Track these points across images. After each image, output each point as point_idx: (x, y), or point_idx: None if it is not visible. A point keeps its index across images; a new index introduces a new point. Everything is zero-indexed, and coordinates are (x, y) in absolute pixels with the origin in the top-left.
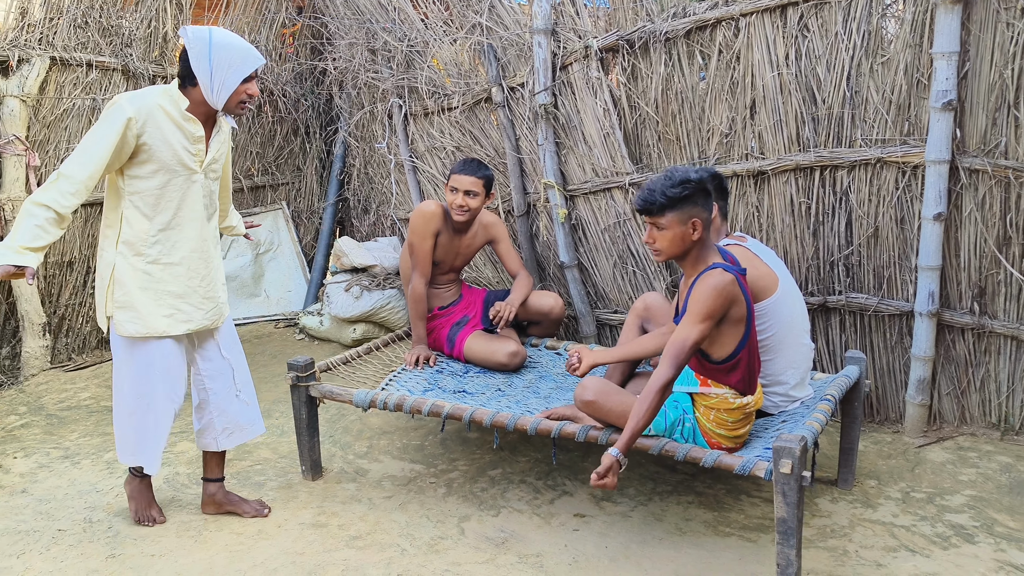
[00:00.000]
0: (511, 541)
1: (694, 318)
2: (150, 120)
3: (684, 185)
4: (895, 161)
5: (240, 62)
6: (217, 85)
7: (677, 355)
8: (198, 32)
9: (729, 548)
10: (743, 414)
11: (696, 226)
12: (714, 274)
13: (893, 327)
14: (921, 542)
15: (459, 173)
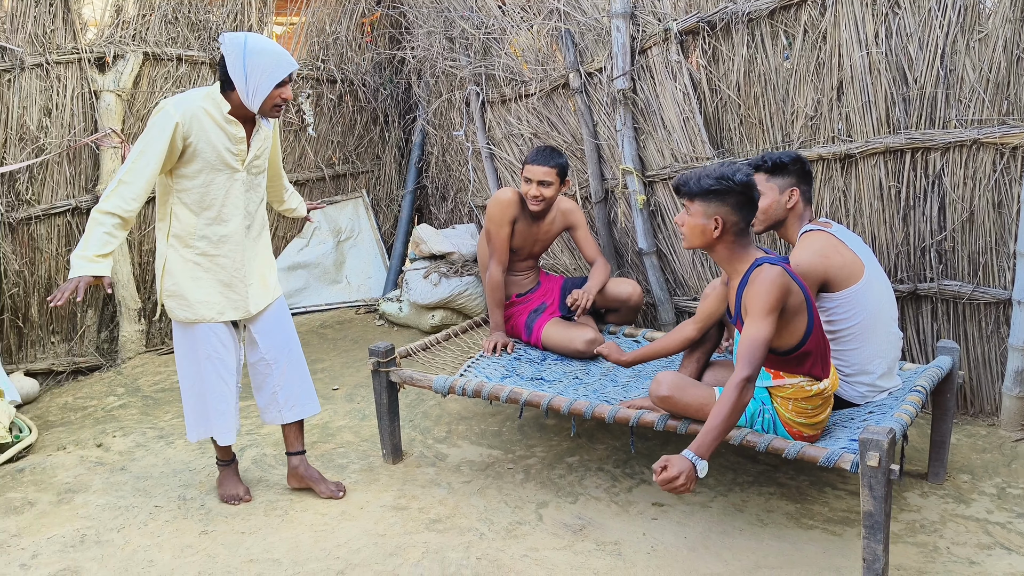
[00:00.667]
0: (589, 528)
1: (760, 315)
2: (195, 123)
3: (720, 181)
4: (992, 142)
5: (273, 68)
6: (252, 90)
7: (751, 354)
8: (234, 39)
9: (812, 541)
10: (821, 399)
11: (718, 224)
12: (763, 270)
13: (989, 316)
14: (1017, 540)
15: (532, 163)
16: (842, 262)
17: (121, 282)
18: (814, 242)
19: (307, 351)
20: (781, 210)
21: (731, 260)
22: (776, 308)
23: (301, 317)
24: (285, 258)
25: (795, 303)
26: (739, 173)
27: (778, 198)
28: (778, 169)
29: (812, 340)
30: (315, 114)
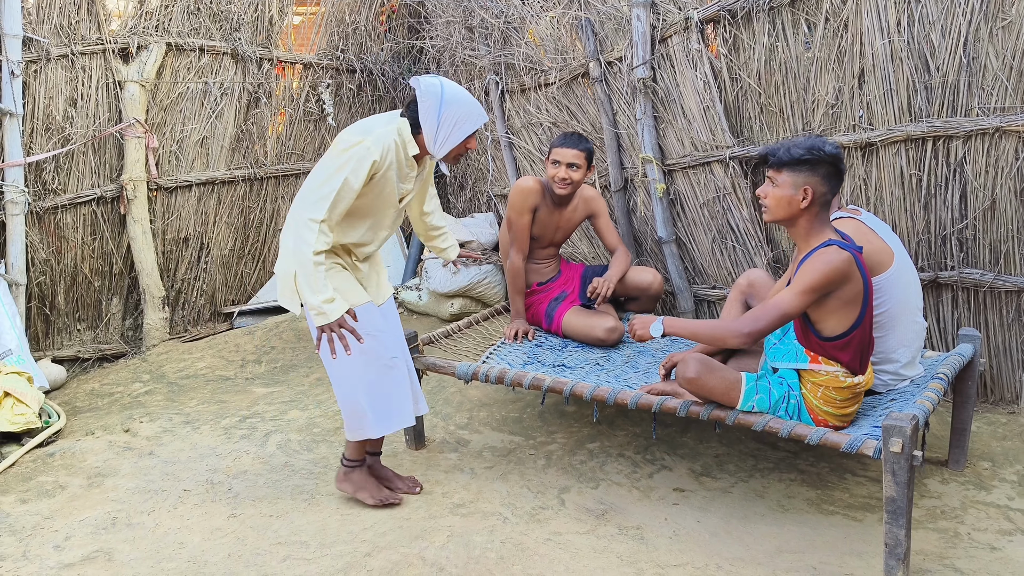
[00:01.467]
0: (611, 513)
1: (800, 288)
2: (388, 163)
3: (811, 151)
4: (1015, 130)
5: (466, 119)
6: (441, 138)
7: (766, 315)
8: (430, 86)
9: (834, 526)
10: (852, 393)
11: (807, 194)
12: (829, 251)
13: (1010, 304)
14: None
15: (561, 146)
16: (872, 250)
17: (145, 270)
18: (845, 229)
19: None
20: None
21: (809, 234)
22: (818, 289)
23: None
24: None
25: (851, 293)
26: (828, 145)
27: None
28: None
29: (859, 333)
30: (335, 104)
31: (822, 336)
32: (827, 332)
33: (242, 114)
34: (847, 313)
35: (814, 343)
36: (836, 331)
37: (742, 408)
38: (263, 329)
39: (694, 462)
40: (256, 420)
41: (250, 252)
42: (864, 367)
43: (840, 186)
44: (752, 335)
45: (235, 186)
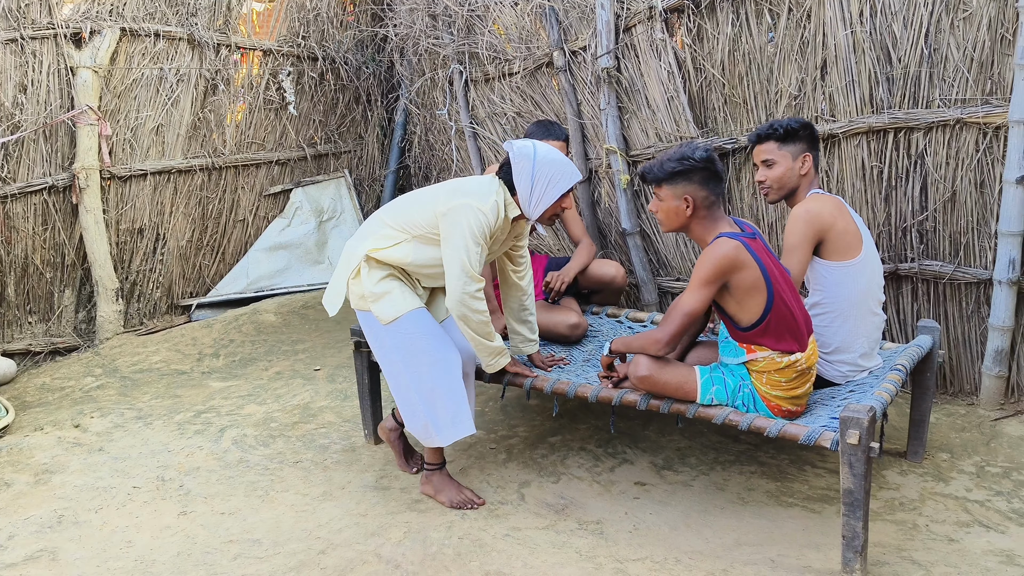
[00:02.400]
0: (571, 508)
1: (694, 284)
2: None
3: (682, 161)
4: (976, 122)
5: (559, 179)
6: (536, 199)
7: (672, 319)
8: (524, 149)
9: (792, 518)
10: (795, 372)
11: (688, 203)
12: (716, 243)
13: (969, 296)
14: (996, 518)
15: (546, 139)
16: (847, 228)
17: (98, 262)
18: (827, 199)
19: (289, 332)
20: (795, 177)
21: (704, 235)
22: (712, 281)
23: (283, 298)
24: (266, 239)
25: (747, 280)
26: (698, 151)
27: (792, 165)
28: (790, 135)
29: (773, 315)
30: (296, 92)
31: (741, 327)
32: (744, 322)
33: (199, 101)
34: (754, 300)
35: (739, 335)
36: (751, 319)
37: (701, 401)
38: (222, 322)
39: (656, 455)
40: (211, 415)
41: (208, 243)
42: (801, 345)
43: (721, 185)
44: (666, 340)
45: (192, 175)
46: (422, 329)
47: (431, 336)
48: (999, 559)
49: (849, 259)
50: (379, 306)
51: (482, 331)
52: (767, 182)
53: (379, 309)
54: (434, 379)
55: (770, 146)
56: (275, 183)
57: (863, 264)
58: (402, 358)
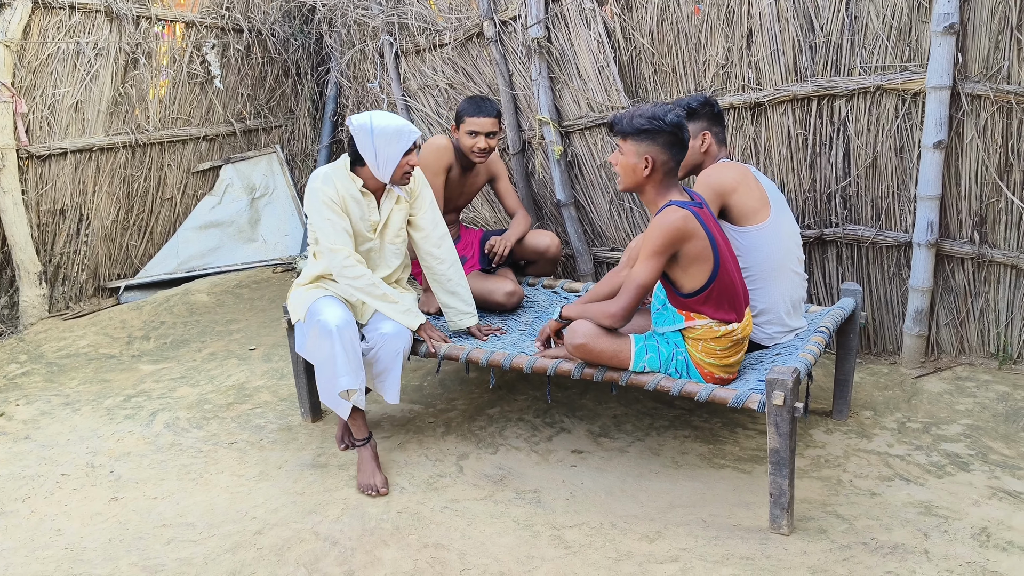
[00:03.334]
0: (509, 478)
1: (645, 255)
2: (339, 194)
3: (652, 120)
4: (895, 88)
5: (398, 140)
6: (382, 164)
7: (626, 292)
8: (361, 121)
9: (724, 479)
10: (731, 341)
11: (648, 163)
12: (665, 212)
13: (891, 258)
14: (916, 471)
15: (477, 115)
16: (749, 193)
17: (18, 244)
18: (730, 166)
19: (222, 312)
20: (696, 155)
21: (656, 200)
22: (663, 251)
23: (216, 278)
24: (196, 217)
25: (696, 249)
26: (671, 114)
27: (692, 143)
28: (688, 114)
29: (717, 284)
30: (222, 66)
31: (683, 293)
32: (687, 289)
33: (119, 76)
34: (700, 268)
35: (680, 301)
36: (695, 287)
37: (634, 369)
38: (152, 304)
39: (592, 423)
40: (142, 399)
41: (135, 223)
42: (737, 315)
43: (683, 154)
44: (621, 314)
45: (115, 153)
46: (318, 307)
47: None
48: (918, 510)
49: (758, 223)
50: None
51: (374, 292)
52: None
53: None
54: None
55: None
56: (203, 160)
57: (774, 227)
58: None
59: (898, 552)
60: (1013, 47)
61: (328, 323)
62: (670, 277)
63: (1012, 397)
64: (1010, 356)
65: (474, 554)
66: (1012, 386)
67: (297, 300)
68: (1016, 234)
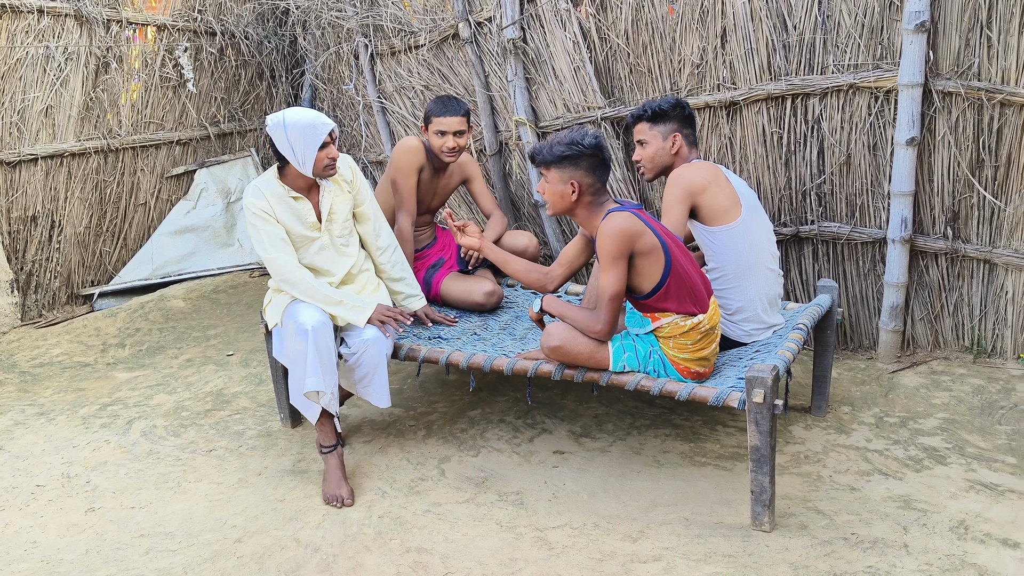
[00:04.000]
0: (491, 480)
1: (603, 267)
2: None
3: (571, 146)
4: (868, 86)
5: (311, 133)
6: (301, 158)
7: (603, 307)
8: (275, 119)
9: (705, 477)
10: (699, 334)
11: (574, 187)
12: (608, 220)
13: (866, 255)
14: (894, 465)
15: (443, 115)
16: (720, 192)
17: None
18: (700, 166)
19: (199, 318)
20: (667, 156)
21: (590, 220)
22: (620, 255)
23: (192, 283)
24: (171, 222)
25: (646, 246)
26: (588, 137)
27: (662, 144)
28: (659, 116)
29: (672, 278)
30: (195, 69)
31: (642, 296)
32: (644, 289)
33: (90, 81)
34: (653, 266)
35: (642, 305)
36: (651, 285)
37: (613, 369)
38: (127, 310)
39: (574, 424)
40: (118, 407)
41: (109, 229)
42: (702, 307)
43: (608, 173)
44: (604, 330)
45: (87, 159)
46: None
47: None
48: (897, 504)
49: (729, 222)
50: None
51: (317, 296)
52: (641, 161)
53: (268, 319)
54: (293, 351)
55: (642, 127)
56: (177, 164)
57: (745, 225)
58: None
59: (878, 546)
60: (983, 44)
61: (304, 323)
62: (627, 283)
63: (987, 390)
64: (984, 350)
65: (457, 557)
66: (987, 379)
67: (274, 306)
68: (988, 229)
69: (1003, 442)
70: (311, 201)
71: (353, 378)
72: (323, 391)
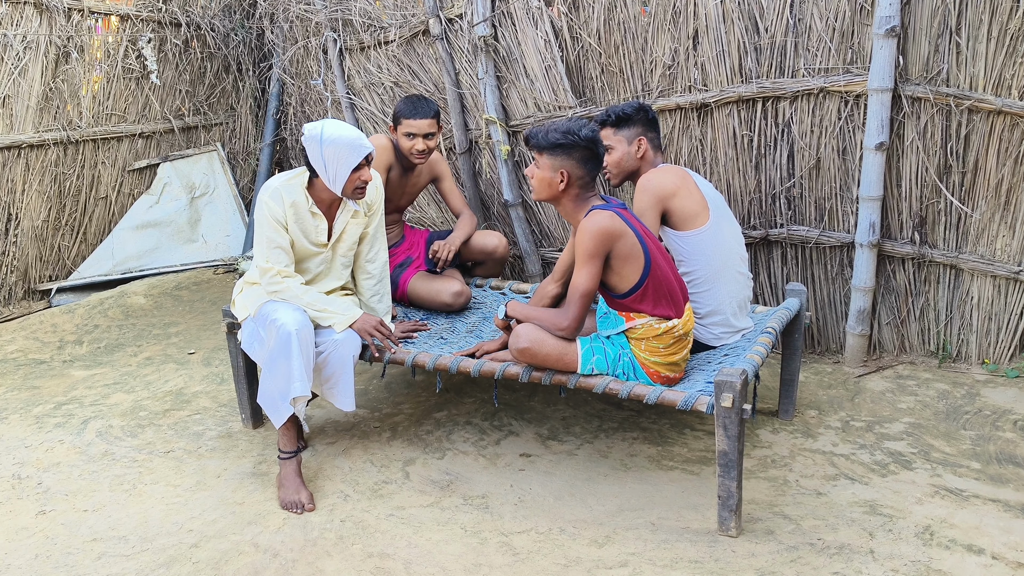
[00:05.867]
0: (456, 483)
1: (580, 262)
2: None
3: (567, 135)
4: (838, 90)
5: (348, 155)
6: (331, 177)
7: (571, 303)
8: (312, 131)
9: (672, 481)
10: (672, 338)
11: (563, 177)
12: (589, 216)
13: (834, 259)
14: (860, 470)
15: (413, 117)
16: (689, 196)
17: None
18: (669, 170)
19: (160, 315)
20: (632, 161)
21: (575, 213)
22: (597, 254)
23: (154, 279)
24: (132, 217)
25: (626, 247)
26: (585, 129)
27: (628, 149)
28: (623, 121)
29: (650, 282)
30: (159, 61)
31: (618, 294)
32: (620, 289)
33: (50, 70)
34: (631, 267)
35: (617, 303)
36: (629, 285)
37: (582, 371)
38: (85, 307)
39: (541, 426)
40: (73, 406)
41: (68, 223)
42: (676, 311)
43: (599, 168)
44: (571, 326)
45: (46, 150)
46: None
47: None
48: (863, 509)
49: (697, 227)
50: (236, 310)
51: (302, 301)
52: (607, 167)
53: (237, 312)
54: (276, 355)
55: (607, 132)
56: (140, 157)
57: (714, 230)
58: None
59: (844, 552)
60: (952, 50)
61: (287, 326)
62: (604, 281)
63: (952, 395)
64: (949, 355)
65: (420, 563)
66: (952, 384)
67: (248, 297)
68: (955, 234)
69: (968, 447)
70: (328, 218)
71: (320, 378)
72: (307, 396)
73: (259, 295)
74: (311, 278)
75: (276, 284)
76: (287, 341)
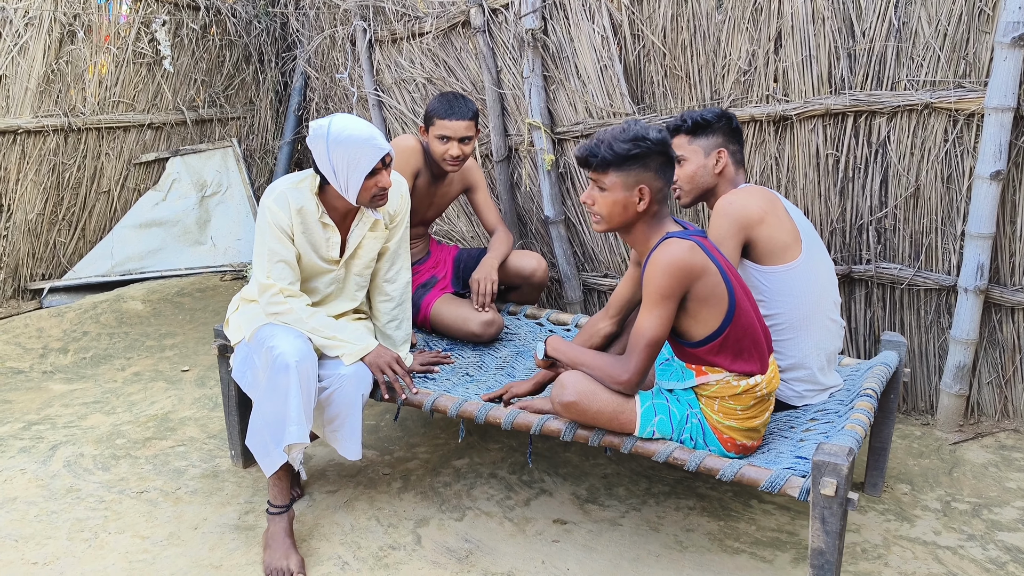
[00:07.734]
0: (477, 554)
1: (650, 303)
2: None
3: (637, 142)
4: (946, 107)
5: (360, 156)
6: (343, 184)
7: (635, 353)
8: (318, 128)
9: (740, 569)
10: (753, 399)
11: (644, 194)
12: (664, 247)
13: (930, 303)
14: (972, 569)
15: (449, 117)
16: (779, 224)
17: None
18: (754, 191)
19: (157, 323)
20: (709, 176)
21: (648, 237)
22: (672, 295)
23: (154, 283)
24: (136, 214)
25: (708, 286)
26: (652, 130)
27: (704, 162)
28: (701, 128)
29: (733, 328)
30: (173, 46)
31: (691, 343)
32: (695, 337)
33: (53, 50)
34: (711, 310)
35: (688, 354)
36: (704, 333)
37: (640, 435)
38: (76, 310)
39: (579, 485)
40: (45, 427)
41: (65, 217)
42: (761, 366)
43: (673, 175)
44: (632, 380)
45: (45, 137)
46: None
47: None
48: None
49: (788, 262)
50: (230, 331)
51: (307, 325)
52: (678, 181)
53: (230, 334)
54: (271, 391)
55: (680, 140)
56: (148, 150)
57: (807, 265)
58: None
59: None
60: None
61: (286, 356)
62: (675, 325)
63: None
64: None
65: None
66: None
67: (244, 316)
68: None
69: None
70: (342, 230)
71: (321, 418)
72: (304, 443)
73: (257, 315)
74: (319, 299)
75: (277, 305)
76: (284, 374)
